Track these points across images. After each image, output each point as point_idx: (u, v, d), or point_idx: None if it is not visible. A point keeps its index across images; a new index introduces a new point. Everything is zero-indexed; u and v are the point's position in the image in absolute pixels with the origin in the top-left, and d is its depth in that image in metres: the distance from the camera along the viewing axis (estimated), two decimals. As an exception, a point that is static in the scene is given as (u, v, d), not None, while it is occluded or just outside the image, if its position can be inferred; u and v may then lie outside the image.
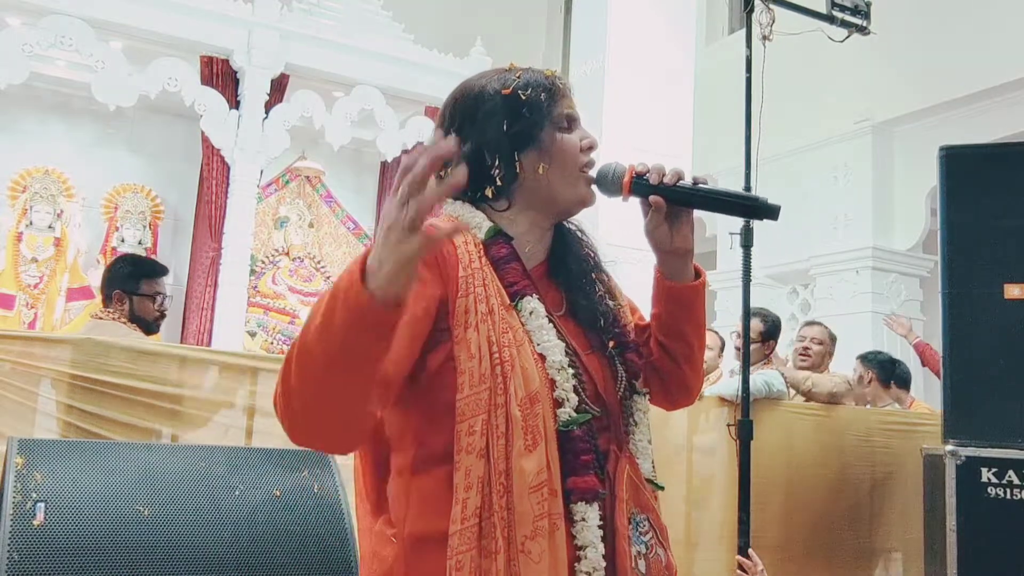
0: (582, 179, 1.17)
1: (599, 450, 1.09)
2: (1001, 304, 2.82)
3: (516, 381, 1.02)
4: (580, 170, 1.17)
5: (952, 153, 3.00)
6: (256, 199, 6.66)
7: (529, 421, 1.02)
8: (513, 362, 1.03)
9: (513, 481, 1.00)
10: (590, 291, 1.18)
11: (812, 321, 4.49)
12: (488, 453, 1.00)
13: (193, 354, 2.68)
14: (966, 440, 2.80)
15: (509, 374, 1.03)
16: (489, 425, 1.01)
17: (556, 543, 1.01)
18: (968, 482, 2.75)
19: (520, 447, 1.01)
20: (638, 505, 1.11)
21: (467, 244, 1.10)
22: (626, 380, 1.17)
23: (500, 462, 1.00)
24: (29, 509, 1.62)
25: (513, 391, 1.02)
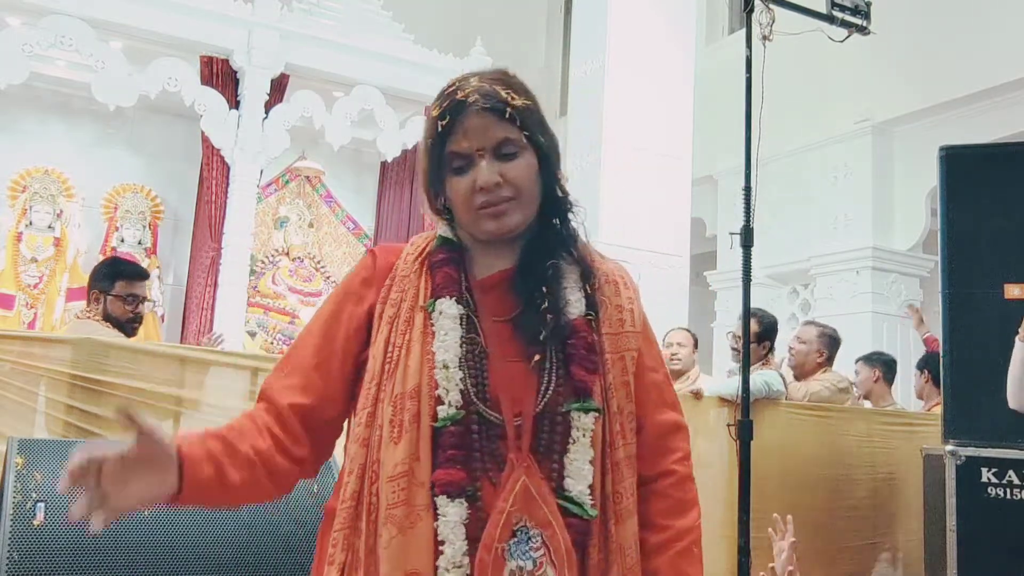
0: (479, 216, 1.15)
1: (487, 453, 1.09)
2: (1001, 304, 2.82)
3: (397, 378, 1.11)
4: (476, 210, 1.15)
5: (952, 153, 3.00)
6: (256, 199, 6.66)
7: (397, 416, 1.09)
8: (398, 361, 1.12)
9: (380, 470, 1.08)
10: (540, 301, 1.15)
11: (809, 321, 4.49)
12: (368, 443, 1.11)
13: (193, 354, 2.69)
14: (966, 440, 2.80)
15: (390, 373, 1.12)
16: (373, 418, 1.11)
17: (416, 533, 1.05)
18: (968, 482, 2.76)
19: (387, 439, 1.08)
20: (534, 519, 1.08)
21: (412, 254, 1.20)
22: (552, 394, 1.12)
23: (375, 452, 1.10)
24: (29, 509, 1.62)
25: (390, 389, 1.10)
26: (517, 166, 1.15)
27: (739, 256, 3.06)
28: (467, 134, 1.14)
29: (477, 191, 1.14)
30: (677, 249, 5.46)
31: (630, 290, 1.26)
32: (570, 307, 1.16)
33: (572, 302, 1.17)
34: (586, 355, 1.15)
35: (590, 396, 1.13)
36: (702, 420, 3.31)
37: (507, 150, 1.15)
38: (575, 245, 1.22)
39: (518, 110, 1.15)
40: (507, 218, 1.15)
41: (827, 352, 4.04)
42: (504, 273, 1.19)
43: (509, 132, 1.15)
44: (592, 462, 1.12)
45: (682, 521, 1.21)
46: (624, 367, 1.19)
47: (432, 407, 1.09)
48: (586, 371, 1.14)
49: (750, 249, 3.05)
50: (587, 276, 1.20)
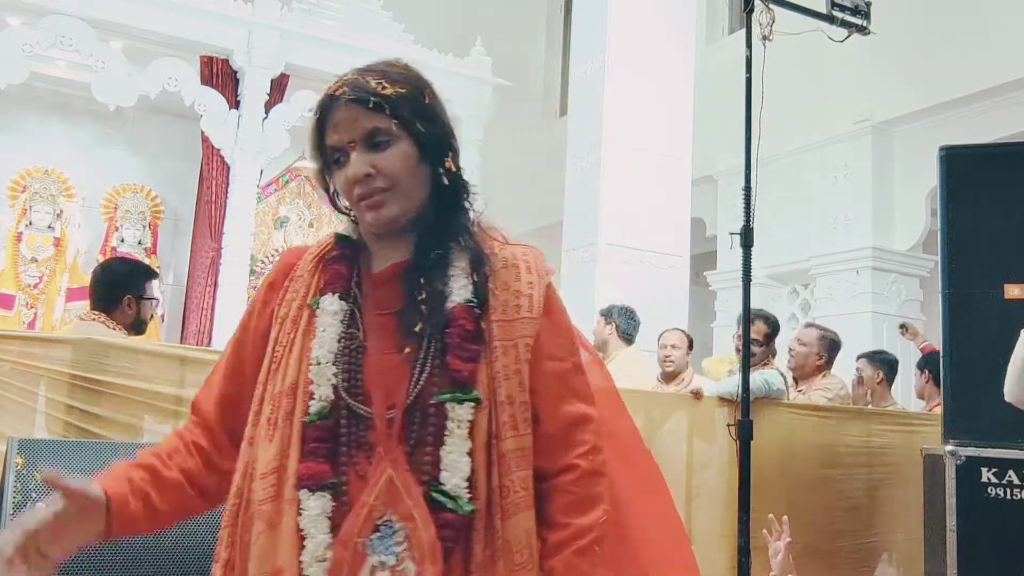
0: (360, 207, 1.15)
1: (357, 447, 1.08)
2: (1001, 304, 2.82)
3: (277, 376, 1.13)
4: (356, 204, 1.15)
5: (952, 153, 3.01)
6: (256, 199, 6.66)
7: (274, 413, 1.11)
8: (280, 360, 1.14)
9: (255, 468, 1.10)
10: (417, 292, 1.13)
11: (810, 324, 4.49)
12: (253, 441, 1.12)
13: (193, 354, 2.68)
14: (966, 440, 2.80)
15: (273, 371, 1.14)
16: (258, 417, 1.13)
17: (282, 529, 1.06)
18: (968, 482, 2.76)
19: (263, 437, 1.11)
20: (397, 513, 1.05)
21: (316, 251, 1.22)
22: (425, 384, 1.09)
23: (255, 449, 1.11)
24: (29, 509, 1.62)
25: (272, 387, 1.13)
26: (389, 156, 1.14)
27: (739, 256, 3.06)
28: (337, 127, 1.14)
29: (352, 183, 1.14)
30: (677, 249, 5.47)
31: (533, 274, 1.19)
32: (453, 295, 1.14)
33: (455, 290, 1.14)
34: (462, 343, 1.11)
35: (468, 386, 1.10)
36: (702, 420, 3.31)
37: (378, 139, 1.14)
38: (466, 233, 1.19)
39: (387, 99, 1.13)
40: (384, 209, 1.14)
41: (827, 355, 4.04)
42: (397, 266, 1.18)
43: (378, 122, 1.13)
44: (470, 454, 1.08)
45: (583, 519, 1.13)
46: (517, 355, 1.14)
47: (306, 403, 1.10)
48: (462, 360, 1.11)
49: (750, 249, 3.05)
50: (477, 263, 1.17)
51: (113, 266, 3.15)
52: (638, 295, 4.79)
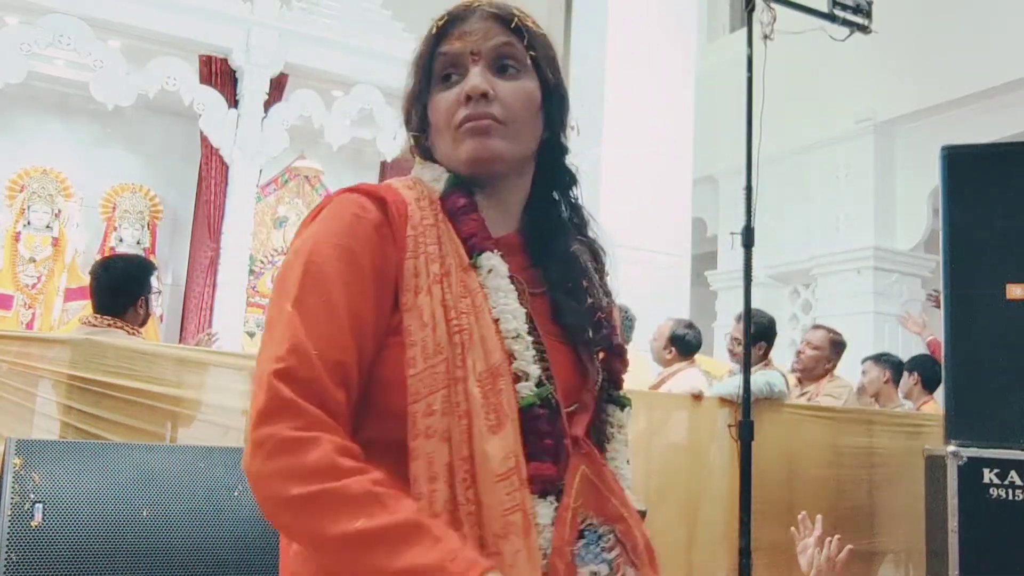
0: (459, 136, 0.96)
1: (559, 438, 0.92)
2: (1003, 304, 2.81)
3: (475, 352, 0.88)
4: (456, 128, 0.96)
5: (954, 153, 3.00)
6: (255, 199, 6.65)
7: (491, 398, 0.87)
8: (471, 330, 0.89)
9: (478, 469, 0.85)
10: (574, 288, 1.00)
11: (818, 325, 4.47)
12: (450, 436, 0.86)
13: (192, 354, 2.67)
14: (968, 441, 2.79)
15: (467, 344, 0.88)
16: (450, 403, 0.86)
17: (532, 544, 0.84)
18: (970, 483, 2.75)
19: (483, 428, 0.85)
20: (602, 514, 0.91)
21: (420, 200, 0.96)
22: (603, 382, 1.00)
23: (463, 447, 0.85)
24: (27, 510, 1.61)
25: (472, 364, 0.87)
26: (516, 87, 0.97)
27: (740, 256, 3.05)
28: (463, 35, 0.97)
29: (463, 102, 0.95)
30: (677, 249, 5.46)
31: None
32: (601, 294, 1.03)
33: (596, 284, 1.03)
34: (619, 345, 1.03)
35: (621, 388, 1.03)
36: (703, 421, 3.30)
37: (507, 63, 0.97)
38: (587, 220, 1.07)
39: (529, 29, 0.98)
40: (490, 140, 0.95)
41: (835, 359, 4.04)
42: (514, 236, 1.01)
43: (514, 45, 0.97)
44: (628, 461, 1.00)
45: None
46: None
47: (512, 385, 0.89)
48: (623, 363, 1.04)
49: (751, 249, 3.04)
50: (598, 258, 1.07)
51: (118, 268, 2.93)
52: (638, 295, 4.79)
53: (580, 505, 0.89)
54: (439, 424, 0.86)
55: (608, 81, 5.41)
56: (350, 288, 0.88)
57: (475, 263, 0.93)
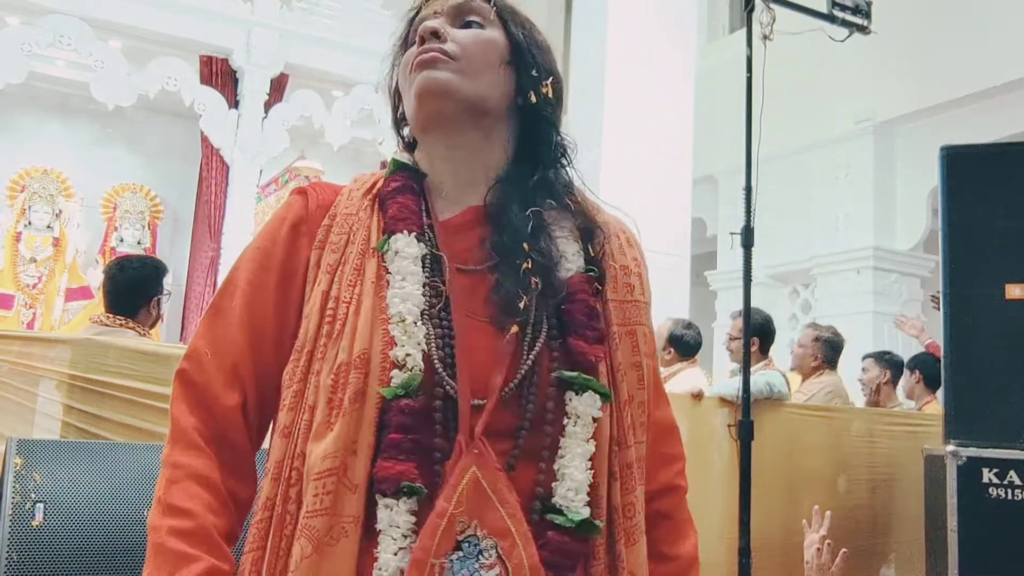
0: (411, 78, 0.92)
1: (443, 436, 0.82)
2: (1002, 304, 2.81)
3: (342, 343, 0.83)
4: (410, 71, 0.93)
5: (953, 153, 3.00)
6: (255, 199, 6.65)
7: (337, 392, 0.81)
8: (346, 319, 0.84)
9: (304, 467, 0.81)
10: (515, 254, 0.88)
11: (809, 324, 4.50)
12: (291, 432, 0.83)
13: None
14: (967, 441, 2.79)
15: (336, 334, 0.84)
16: (300, 399, 0.84)
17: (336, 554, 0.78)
18: (969, 483, 2.75)
19: (319, 424, 0.81)
20: (486, 526, 0.79)
21: (359, 190, 0.95)
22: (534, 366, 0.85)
23: (299, 443, 0.82)
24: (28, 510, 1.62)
25: (333, 355, 0.83)
26: (474, 32, 0.93)
27: (740, 256, 3.05)
28: (430, 3, 0.96)
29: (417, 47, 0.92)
30: (677, 249, 5.46)
31: (635, 250, 1.01)
32: (566, 262, 0.91)
33: (568, 256, 0.92)
34: (587, 322, 0.88)
35: (593, 374, 0.87)
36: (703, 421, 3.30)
37: (469, 18, 0.94)
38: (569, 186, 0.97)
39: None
40: (437, 71, 0.90)
41: (822, 355, 4.06)
42: (474, 211, 0.93)
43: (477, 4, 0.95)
44: (592, 460, 0.85)
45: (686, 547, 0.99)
46: (635, 344, 0.94)
47: (385, 379, 0.81)
48: (587, 342, 0.88)
49: (751, 249, 3.04)
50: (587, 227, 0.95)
51: (133, 268, 2.92)
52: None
53: (462, 512, 0.79)
54: (284, 419, 0.85)
55: (608, 81, 5.41)
56: (253, 290, 0.91)
57: (380, 247, 0.88)
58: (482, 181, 0.94)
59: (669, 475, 0.99)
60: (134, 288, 2.79)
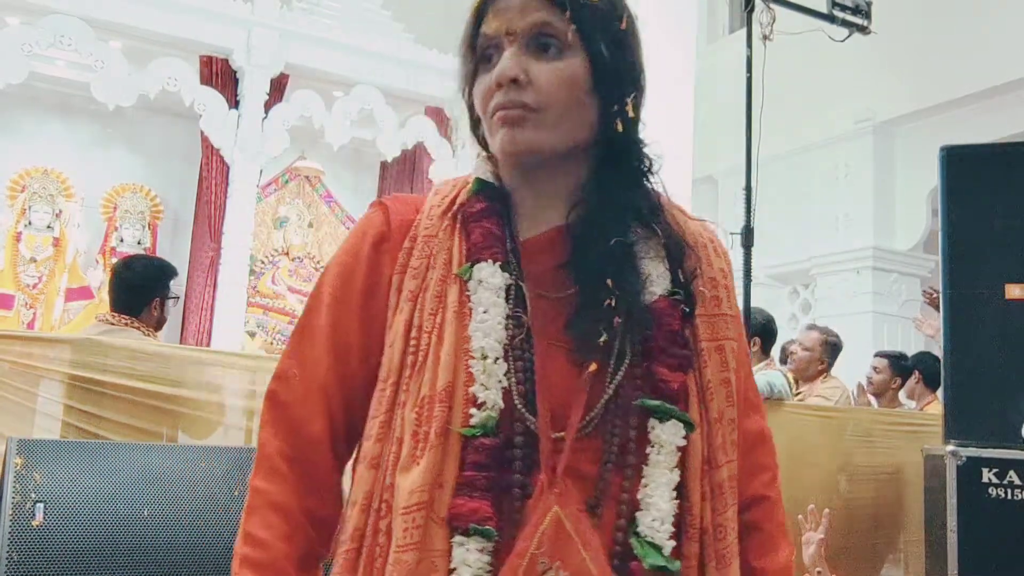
0: (494, 123, 0.88)
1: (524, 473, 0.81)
2: (1002, 304, 2.81)
3: (425, 375, 0.83)
4: (491, 117, 0.88)
5: (953, 153, 3.00)
6: (255, 199, 6.65)
7: (422, 425, 0.81)
8: (428, 351, 0.84)
9: (394, 500, 0.81)
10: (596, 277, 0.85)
11: (812, 326, 4.48)
12: (380, 463, 0.84)
13: (193, 354, 2.68)
14: (967, 440, 2.79)
15: (419, 366, 0.84)
16: (387, 429, 0.84)
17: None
18: (969, 482, 2.75)
19: (406, 457, 0.81)
20: (568, 568, 0.78)
21: (439, 206, 0.92)
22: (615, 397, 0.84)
23: (388, 475, 0.82)
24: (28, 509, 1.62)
25: (416, 388, 0.83)
26: (552, 68, 0.86)
27: (739, 256, 3.06)
28: (498, 12, 0.88)
29: (492, 88, 0.87)
30: (677, 249, 5.45)
31: (722, 259, 0.96)
32: (650, 285, 0.88)
33: (653, 277, 0.89)
34: (670, 348, 0.86)
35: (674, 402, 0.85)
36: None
37: (546, 41, 0.87)
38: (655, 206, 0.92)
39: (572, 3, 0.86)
40: (520, 131, 0.86)
41: (829, 359, 4.05)
42: (556, 231, 0.90)
43: (553, 19, 0.86)
44: (678, 488, 0.84)
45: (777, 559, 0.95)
46: (724, 360, 0.91)
47: (466, 415, 0.81)
48: (670, 369, 0.86)
49: (750, 249, 3.05)
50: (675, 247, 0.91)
51: (138, 268, 2.92)
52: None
53: (543, 553, 0.78)
54: (372, 450, 0.85)
55: (608, 81, 5.41)
56: (338, 310, 0.90)
57: (463, 275, 0.86)
58: (564, 199, 0.91)
59: (758, 485, 0.97)
60: (137, 287, 2.79)
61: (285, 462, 0.88)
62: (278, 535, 0.86)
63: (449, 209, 0.91)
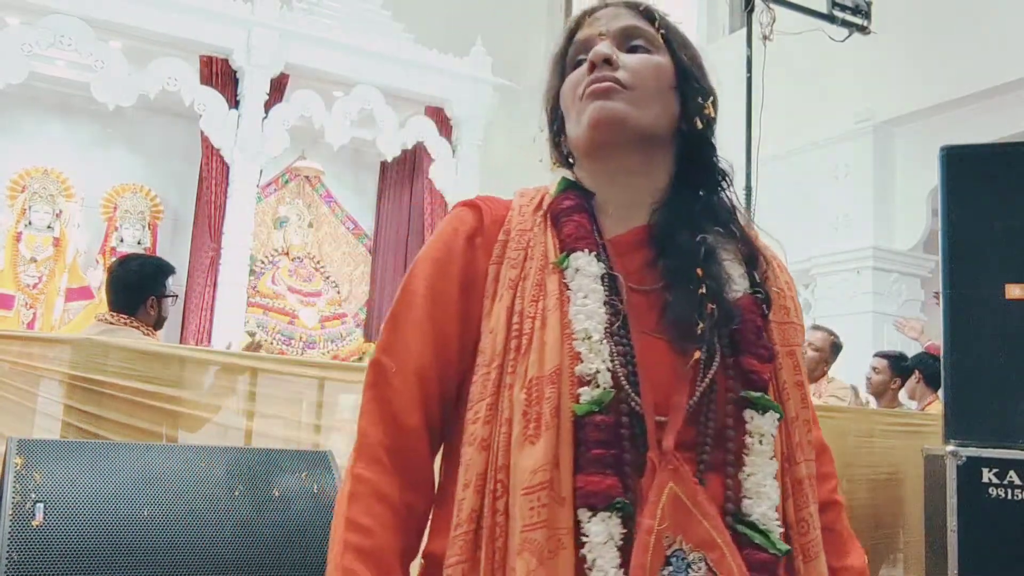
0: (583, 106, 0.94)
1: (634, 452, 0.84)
2: (1002, 304, 2.81)
3: (531, 358, 0.86)
4: (581, 99, 0.95)
5: (953, 153, 2.99)
6: (255, 199, 6.66)
7: (533, 406, 0.83)
8: (532, 335, 0.87)
9: (510, 480, 0.83)
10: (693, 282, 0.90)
11: (817, 326, 4.47)
12: (490, 445, 0.85)
13: (193, 354, 2.68)
14: (967, 440, 2.79)
15: (524, 349, 0.86)
16: (495, 411, 0.86)
17: (558, 566, 0.80)
18: (969, 483, 2.75)
19: (518, 437, 0.83)
20: (691, 539, 0.81)
21: (528, 205, 0.97)
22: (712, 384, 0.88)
23: (500, 455, 0.84)
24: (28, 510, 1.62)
25: (523, 371, 0.86)
26: (643, 58, 0.95)
27: (740, 256, 3.05)
28: (592, 21, 0.98)
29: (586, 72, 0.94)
30: (677, 249, 5.46)
31: (786, 274, 1.03)
32: (733, 283, 0.93)
33: (735, 278, 0.94)
34: (758, 340, 0.91)
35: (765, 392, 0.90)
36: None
37: (635, 42, 0.96)
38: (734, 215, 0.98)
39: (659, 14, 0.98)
40: (612, 101, 0.92)
41: (832, 360, 4.05)
42: (640, 232, 0.95)
43: (642, 25, 0.97)
44: (776, 478, 0.88)
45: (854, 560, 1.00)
46: (796, 364, 0.96)
47: (573, 395, 0.84)
48: (760, 360, 0.90)
49: (751, 249, 3.04)
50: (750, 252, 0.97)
51: (133, 266, 2.92)
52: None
53: (667, 527, 0.81)
54: (480, 432, 0.86)
55: (608, 81, 5.42)
56: (435, 301, 0.92)
57: (561, 264, 0.90)
58: (646, 202, 0.96)
59: (826, 491, 1.02)
60: (133, 286, 2.79)
61: (386, 454, 0.89)
62: (383, 524, 0.87)
63: (539, 208, 0.96)
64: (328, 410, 2.74)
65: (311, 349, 7.05)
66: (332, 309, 7.41)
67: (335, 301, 7.49)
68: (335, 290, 7.58)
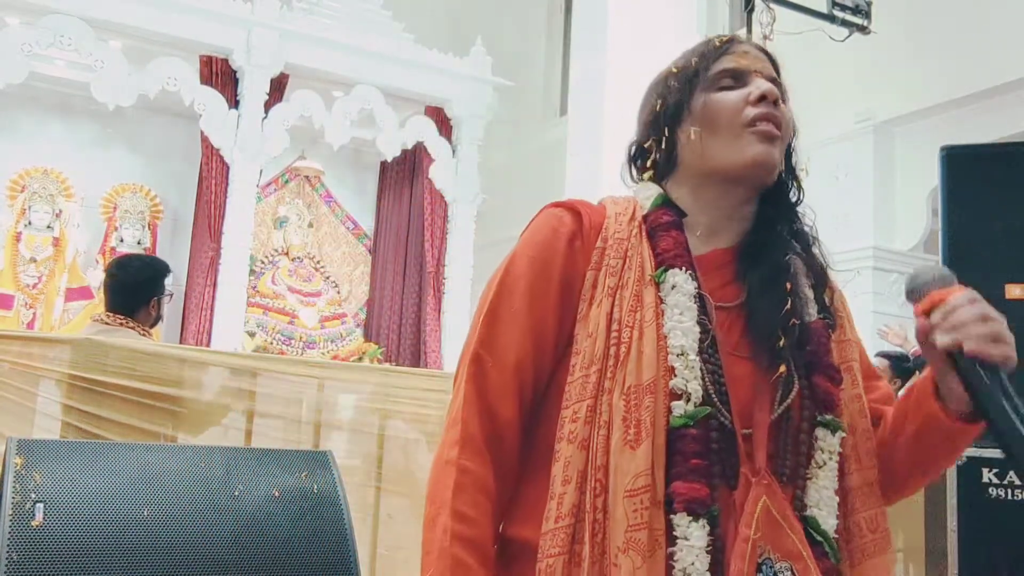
0: (745, 135, 0.99)
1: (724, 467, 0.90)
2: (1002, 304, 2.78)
3: (629, 367, 0.91)
4: (744, 126, 0.99)
5: (953, 153, 2.99)
6: (255, 199, 6.66)
7: (632, 413, 0.89)
8: (631, 344, 0.91)
9: (610, 480, 0.88)
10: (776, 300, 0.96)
11: None
12: (589, 444, 0.90)
13: (193, 354, 2.68)
14: (967, 440, 2.79)
15: (623, 357, 0.91)
16: (594, 412, 0.90)
17: (656, 564, 0.86)
18: (969, 482, 2.75)
19: (619, 441, 0.88)
20: (779, 550, 0.88)
21: (623, 214, 1.00)
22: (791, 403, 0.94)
23: (599, 456, 0.89)
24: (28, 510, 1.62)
25: (622, 378, 0.90)
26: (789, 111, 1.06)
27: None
28: (746, 55, 1.04)
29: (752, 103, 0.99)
30: (677, 249, 5.46)
31: (841, 295, 1.11)
32: (808, 307, 1.00)
33: (809, 301, 1.01)
34: (829, 364, 0.99)
35: (836, 412, 0.97)
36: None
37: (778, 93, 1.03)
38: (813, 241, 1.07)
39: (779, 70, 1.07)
40: (775, 149, 1.00)
41: None
42: (722, 253, 1.01)
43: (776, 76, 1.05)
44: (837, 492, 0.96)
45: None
46: (854, 378, 1.03)
47: (667, 406, 0.90)
48: (831, 382, 0.98)
49: (751, 249, 3.04)
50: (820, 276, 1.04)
51: (133, 267, 2.91)
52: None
53: (760, 538, 0.88)
54: (580, 431, 0.90)
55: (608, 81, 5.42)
56: (535, 297, 0.96)
57: (658, 278, 0.95)
58: (731, 228, 1.02)
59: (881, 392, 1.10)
60: (134, 287, 2.78)
61: (486, 445, 0.93)
62: (485, 514, 0.91)
63: (632, 218, 1.00)
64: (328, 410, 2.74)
65: (311, 349, 7.05)
66: (332, 309, 7.41)
67: (335, 301, 7.49)
68: (335, 290, 7.58)
